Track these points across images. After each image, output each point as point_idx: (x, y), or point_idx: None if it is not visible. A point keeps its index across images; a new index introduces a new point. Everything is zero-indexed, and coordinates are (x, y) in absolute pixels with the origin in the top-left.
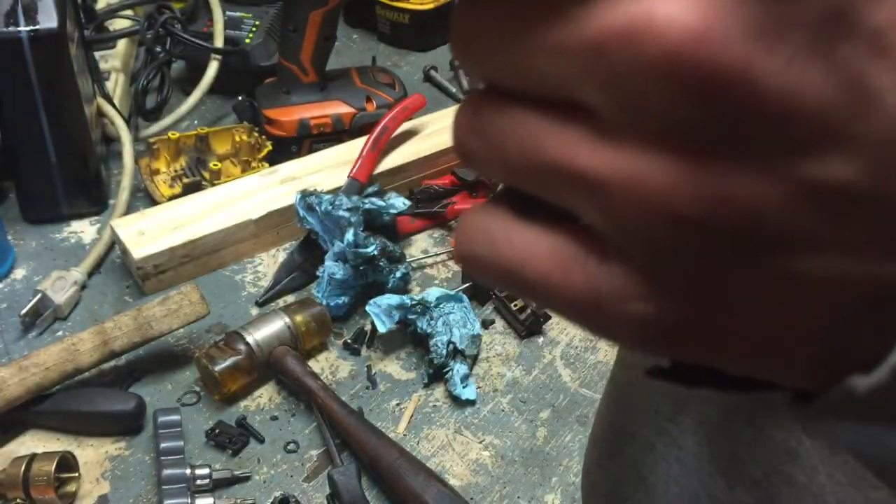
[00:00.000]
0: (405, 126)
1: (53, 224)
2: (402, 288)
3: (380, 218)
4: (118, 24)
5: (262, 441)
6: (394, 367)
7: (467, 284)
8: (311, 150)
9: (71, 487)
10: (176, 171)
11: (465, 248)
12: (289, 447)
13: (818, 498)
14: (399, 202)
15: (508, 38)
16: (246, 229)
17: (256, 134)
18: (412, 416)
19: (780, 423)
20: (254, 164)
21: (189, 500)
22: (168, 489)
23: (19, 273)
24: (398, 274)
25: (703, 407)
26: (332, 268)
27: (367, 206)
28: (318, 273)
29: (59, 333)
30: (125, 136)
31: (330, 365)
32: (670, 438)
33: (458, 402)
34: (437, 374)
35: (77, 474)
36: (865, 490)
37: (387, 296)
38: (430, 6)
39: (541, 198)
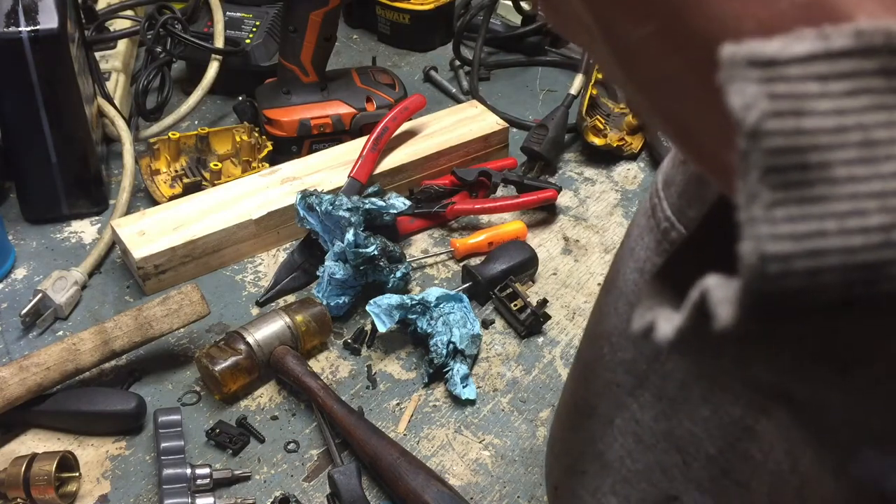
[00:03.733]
0: (405, 126)
1: (54, 224)
2: (402, 288)
3: (380, 218)
4: (119, 25)
5: (262, 441)
6: (394, 367)
7: (467, 284)
8: (311, 151)
9: (71, 487)
10: (176, 171)
11: None
12: (289, 447)
13: (775, 475)
14: (399, 202)
15: None
16: (246, 229)
17: (257, 134)
18: (412, 415)
19: (737, 400)
20: (254, 165)
21: (189, 500)
22: (168, 489)
23: (20, 273)
24: (398, 274)
25: (661, 382)
26: (332, 268)
27: (367, 206)
28: (318, 273)
29: (60, 333)
30: (126, 136)
31: (330, 365)
32: (629, 413)
33: (458, 402)
34: (437, 374)
35: (77, 474)
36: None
37: (387, 296)
38: (430, 6)
39: None
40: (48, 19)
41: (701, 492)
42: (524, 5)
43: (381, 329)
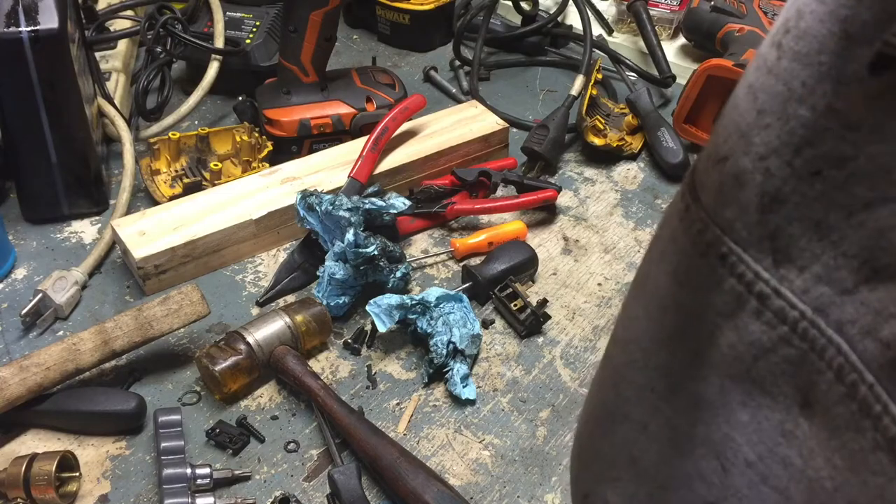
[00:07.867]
0: (405, 126)
1: (54, 224)
2: (402, 288)
3: (380, 218)
4: (119, 25)
5: (262, 441)
6: (394, 367)
7: (467, 284)
8: (311, 151)
9: (72, 487)
10: (176, 171)
11: None
12: (289, 447)
13: (813, 481)
14: (399, 202)
15: None
16: (246, 229)
17: (257, 134)
18: (412, 415)
19: (776, 403)
20: (254, 165)
21: (189, 500)
22: (169, 489)
23: (20, 273)
24: (398, 274)
25: (698, 386)
26: (332, 268)
27: (367, 206)
28: (318, 273)
29: (60, 333)
30: (126, 136)
31: (330, 365)
32: (664, 419)
33: (458, 402)
34: (437, 374)
35: (78, 474)
36: (864, 475)
37: (387, 296)
38: (430, 6)
39: None
40: (48, 19)
41: (739, 498)
42: (524, 5)
43: (381, 329)
